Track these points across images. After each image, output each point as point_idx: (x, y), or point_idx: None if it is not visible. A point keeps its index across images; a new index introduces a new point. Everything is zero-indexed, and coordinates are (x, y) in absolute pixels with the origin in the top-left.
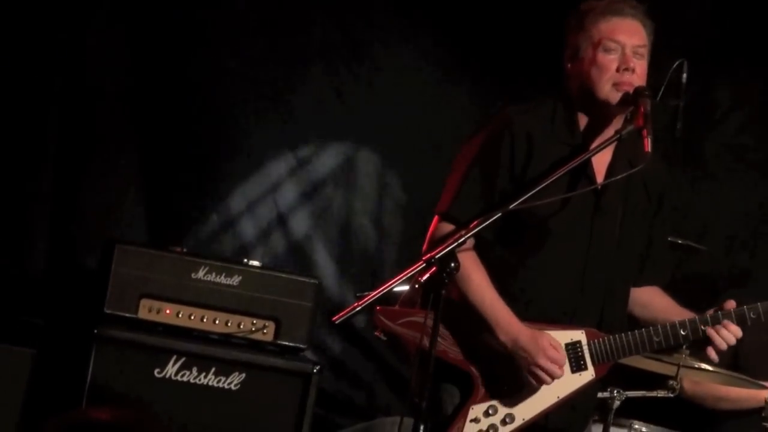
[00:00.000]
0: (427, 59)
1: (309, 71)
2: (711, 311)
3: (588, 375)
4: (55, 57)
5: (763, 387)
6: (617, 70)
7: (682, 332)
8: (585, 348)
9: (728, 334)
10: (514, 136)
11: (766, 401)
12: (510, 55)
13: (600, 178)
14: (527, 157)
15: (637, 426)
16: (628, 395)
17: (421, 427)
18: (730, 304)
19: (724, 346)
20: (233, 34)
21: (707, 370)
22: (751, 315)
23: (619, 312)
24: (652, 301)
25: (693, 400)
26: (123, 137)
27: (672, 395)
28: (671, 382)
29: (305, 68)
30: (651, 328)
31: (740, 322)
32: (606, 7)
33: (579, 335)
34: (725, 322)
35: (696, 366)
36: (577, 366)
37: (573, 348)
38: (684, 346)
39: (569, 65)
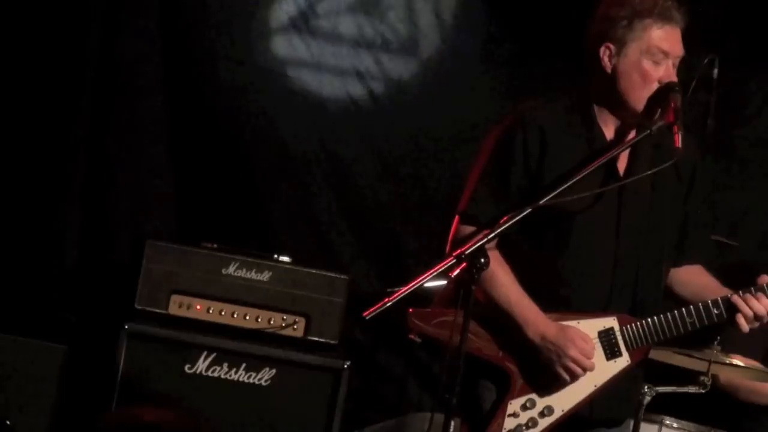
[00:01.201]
0: None
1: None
2: (744, 288)
3: (623, 361)
4: (86, 53)
5: None
6: (659, 82)
7: (715, 311)
8: (618, 334)
9: (758, 304)
10: (526, 132)
11: None
12: None
13: (622, 165)
14: (541, 151)
15: (668, 422)
16: (659, 391)
17: (452, 423)
18: (764, 279)
19: (750, 314)
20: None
21: (738, 366)
22: None
23: (651, 296)
24: (692, 279)
25: (726, 392)
26: (153, 134)
27: (703, 391)
28: (702, 377)
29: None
30: (683, 309)
31: None
32: (660, 12)
33: (611, 322)
34: (759, 294)
35: (727, 362)
36: (612, 353)
37: (606, 335)
38: (716, 342)
39: (606, 58)
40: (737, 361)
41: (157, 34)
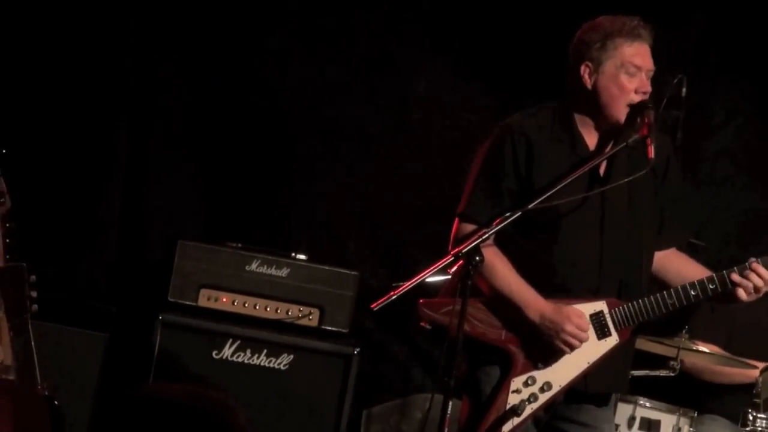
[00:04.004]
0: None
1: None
2: (739, 266)
3: (612, 340)
4: (125, 70)
5: (754, 366)
6: (635, 92)
7: (692, 292)
8: (607, 316)
9: (756, 277)
10: (514, 140)
11: (756, 379)
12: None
13: (602, 166)
14: (528, 156)
15: (642, 402)
16: (634, 374)
17: (450, 403)
18: (751, 260)
19: (749, 286)
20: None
21: (704, 352)
22: None
23: (636, 280)
24: (681, 268)
25: (691, 374)
26: (184, 150)
27: (673, 374)
28: (672, 362)
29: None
30: (665, 291)
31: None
32: (629, 31)
33: (601, 305)
34: (754, 265)
35: (694, 348)
36: (602, 333)
37: (597, 317)
38: (684, 331)
39: (586, 76)
40: (702, 347)
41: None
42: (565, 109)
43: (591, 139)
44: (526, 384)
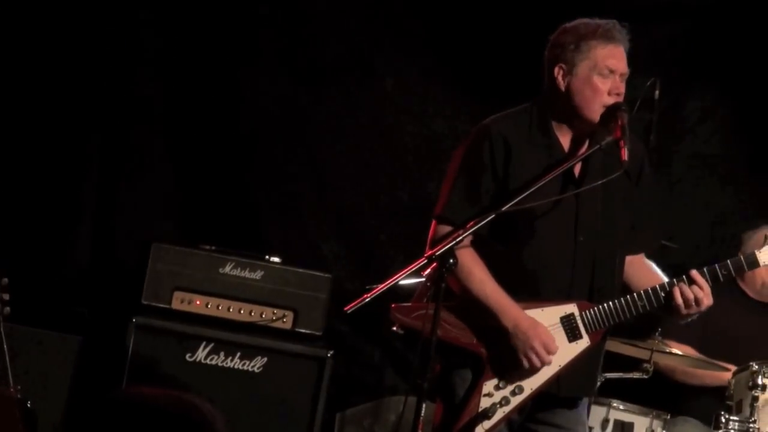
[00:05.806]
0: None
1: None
2: (678, 278)
3: (584, 343)
4: (101, 74)
5: (726, 369)
6: (609, 93)
7: (662, 294)
8: (578, 319)
9: (696, 288)
10: (492, 142)
11: (729, 382)
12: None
13: (577, 169)
14: (506, 158)
15: (615, 404)
16: (607, 377)
17: (423, 406)
18: (693, 272)
19: (690, 296)
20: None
21: (678, 354)
22: (723, 272)
23: (607, 283)
24: (642, 276)
25: (665, 373)
26: (157, 145)
27: (646, 377)
28: (645, 365)
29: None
30: (635, 293)
31: (713, 279)
32: (602, 34)
33: (572, 308)
34: (693, 273)
35: (668, 351)
36: (573, 336)
37: (567, 320)
38: (657, 333)
39: (560, 78)
40: (675, 349)
41: (163, 58)
42: (541, 111)
43: (566, 141)
44: (497, 387)
